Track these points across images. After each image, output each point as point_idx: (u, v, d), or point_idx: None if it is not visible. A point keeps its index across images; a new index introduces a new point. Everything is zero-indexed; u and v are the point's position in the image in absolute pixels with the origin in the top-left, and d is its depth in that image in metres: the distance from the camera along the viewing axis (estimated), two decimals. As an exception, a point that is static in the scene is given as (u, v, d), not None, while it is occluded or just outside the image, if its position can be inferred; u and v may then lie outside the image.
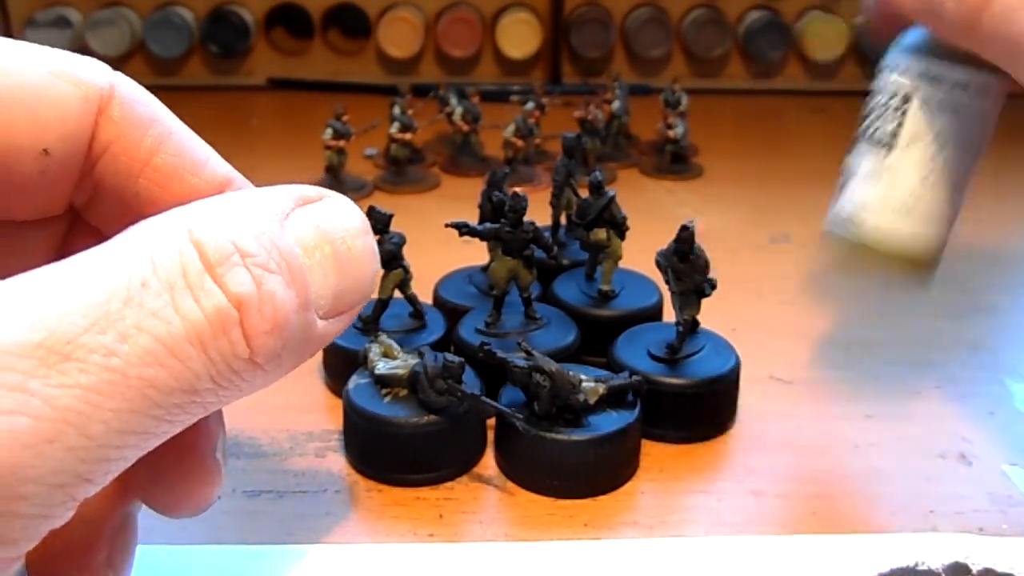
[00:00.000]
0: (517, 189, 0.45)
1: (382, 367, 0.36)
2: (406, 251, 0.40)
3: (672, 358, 0.38)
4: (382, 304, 0.40)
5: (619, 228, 0.42)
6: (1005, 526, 0.33)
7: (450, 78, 0.84)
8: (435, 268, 0.46)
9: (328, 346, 0.40)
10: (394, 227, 0.39)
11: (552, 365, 0.34)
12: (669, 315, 0.40)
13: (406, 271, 0.40)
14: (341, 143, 0.61)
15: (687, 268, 0.37)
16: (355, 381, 0.36)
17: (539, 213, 0.42)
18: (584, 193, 0.43)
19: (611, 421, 0.34)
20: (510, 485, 0.35)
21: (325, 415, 0.39)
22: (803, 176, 0.67)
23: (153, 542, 0.31)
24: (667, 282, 0.38)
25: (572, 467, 0.34)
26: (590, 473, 0.34)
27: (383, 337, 0.37)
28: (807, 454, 0.37)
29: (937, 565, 0.31)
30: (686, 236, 0.36)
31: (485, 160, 0.66)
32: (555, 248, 0.42)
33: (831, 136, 0.77)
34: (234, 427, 0.37)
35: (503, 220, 0.39)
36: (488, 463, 0.36)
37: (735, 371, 0.38)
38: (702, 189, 0.65)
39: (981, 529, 0.33)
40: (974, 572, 0.30)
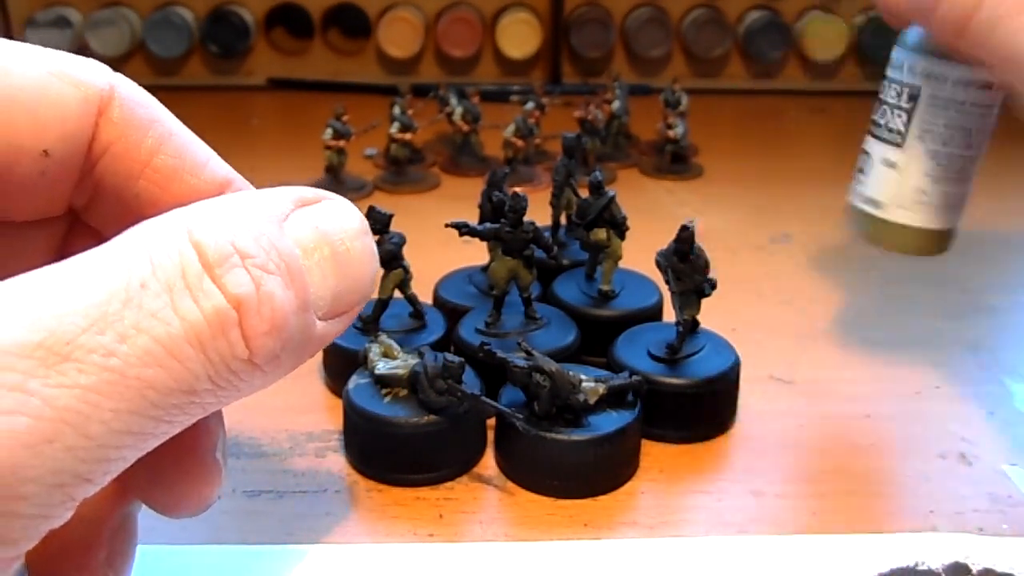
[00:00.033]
0: (517, 189, 0.45)
1: (382, 367, 0.36)
2: (406, 251, 0.40)
3: (672, 358, 0.38)
4: (382, 304, 0.40)
5: (619, 228, 0.42)
6: (1005, 526, 0.33)
7: (450, 78, 0.84)
8: (435, 268, 0.46)
9: (328, 346, 0.40)
10: (394, 227, 0.39)
11: (552, 365, 0.34)
12: (669, 315, 0.40)
13: (406, 271, 0.40)
14: (341, 143, 0.61)
15: (687, 268, 0.37)
16: (355, 381, 0.36)
17: (539, 213, 0.42)
18: (584, 193, 0.43)
19: (611, 421, 0.34)
20: (510, 485, 0.35)
21: (325, 415, 0.39)
22: (803, 176, 0.67)
23: (153, 542, 0.31)
24: (667, 282, 0.38)
25: (572, 467, 0.34)
26: (590, 473, 0.34)
27: (383, 337, 0.37)
28: (807, 454, 0.37)
29: (937, 565, 0.31)
30: (686, 236, 0.36)
31: (485, 160, 0.66)
32: (555, 248, 0.42)
33: (831, 136, 0.78)
34: (234, 427, 0.37)
35: (503, 220, 0.39)
36: (488, 463, 0.36)
37: (735, 371, 0.38)
38: (702, 189, 0.65)
39: (981, 529, 0.33)
40: (974, 572, 0.30)
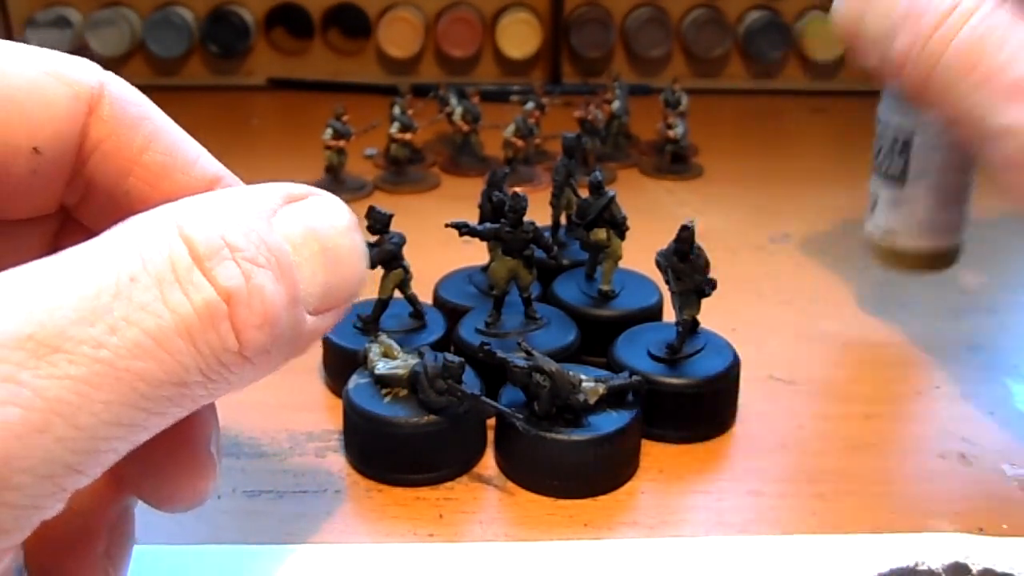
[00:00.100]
0: (517, 189, 0.45)
1: (382, 367, 0.36)
2: (406, 251, 0.40)
3: (672, 358, 0.38)
4: (382, 304, 0.40)
5: (619, 228, 0.42)
6: (1005, 526, 0.33)
7: (450, 78, 0.84)
8: (435, 268, 0.46)
9: (328, 346, 0.41)
10: (394, 227, 0.39)
11: (552, 365, 0.34)
12: (669, 315, 0.40)
13: (406, 271, 0.40)
14: (341, 143, 0.61)
15: (687, 268, 0.37)
16: (355, 381, 0.36)
17: (539, 213, 0.42)
18: (584, 193, 0.43)
19: (611, 421, 0.34)
20: (510, 485, 0.35)
21: (325, 415, 0.39)
22: (803, 176, 0.67)
23: (152, 542, 0.31)
24: (667, 282, 0.38)
25: (572, 467, 0.34)
26: (590, 473, 0.34)
27: (383, 337, 0.37)
28: (807, 454, 0.37)
29: (937, 565, 0.31)
30: (686, 236, 0.36)
31: (485, 160, 0.66)
32: (555, 248, 0.42)
33: (831, 136, 0.78)
34: (234, 427, 0.37)
35: (503, 220, 0.39)
36: (488, 463, 0.36)
37: (735, 371, 0.38)
38: (702, 189, 0.65)
39: (981, 529, 0.33)
40: (974, 572, 0.30)
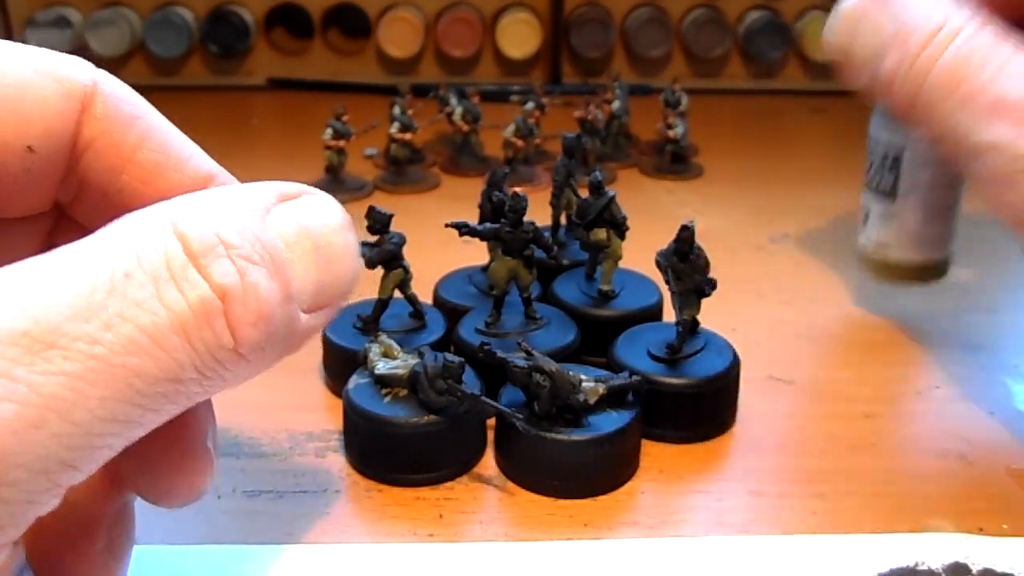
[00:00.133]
0: (517, 189, 0.45)
1: (382, 367, 0.36)
2: (406, 251, 0.40)
3: (672, 358, 0.38)
4: (382, 304, 0.40)
5: (619, 228, 0.42)
6: (1005, 526, 0.33)
7: (450, 78, 0.84)
8: (435, 268, 0.46)
9: (328, 346, 0.41)
10: (394, 227, 0.39)
11: (552, 365, 0.34)
12: (669, 315, 0.40)
13: (406, 271, 0.40)
14: (341, 143, 0.61)
15: (687, 268, 0.37)
16: (355, 381, 0.36)
17: (539, 213, 0.42)
18: (584, 193, 0.43)
19: (611, 421, 0.34)
20: (510, 485, 0.35)
21: (325, 415, 0.39)
22: (803, 176, 0.67)
23: (152, 542, 0.31)
24: (667, 282, 0.38)
25: (572, 467, 0.34)
26: (590, 473, 0.34)
27: (383, 337, 0.37)
28: (807, 454, 0.37)
29: (937, 565, 0.31)
30: (686, 236, 0.36)
31: (485, 160, 0.66)
32: (555, 248, 0.42)
33: (831, 136, 0.78)
34: (234, 427, 0.37)
35: (503, 220, 0.39)
36: (488, 463, 0.36)
37: (735, 371, 0.38)
38: (702, 189, 0.65)
39: (981, 529, 0.33)
40: (974, 572, 0.30)
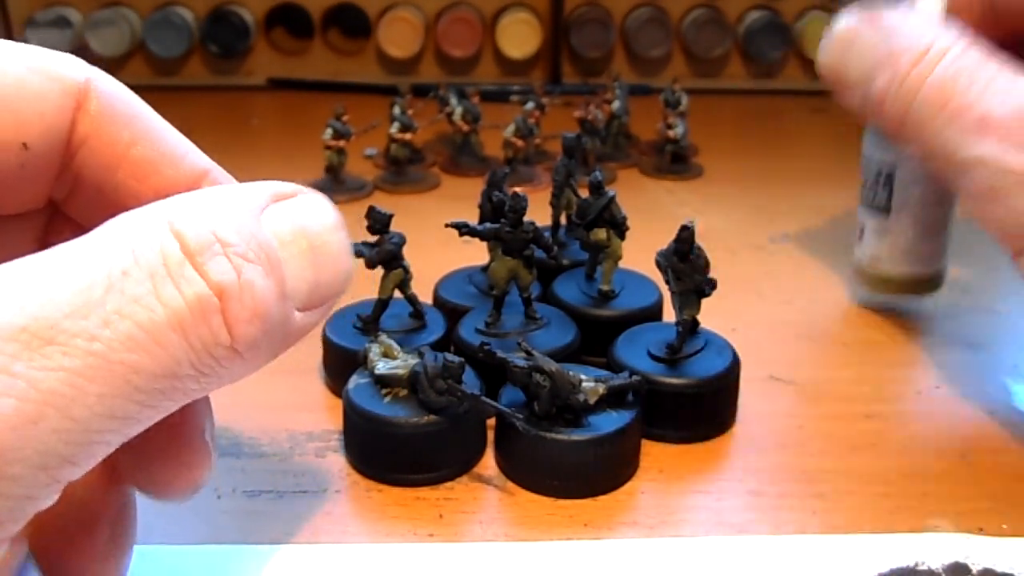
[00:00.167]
0: (517, 189, 0.45)
1: (382, 367, 0.36)
2: (406, 251, 0.40)
3: (672, 358, 0.38)
4: (382, 304, 0.40)
5: (619, 228, 0.42)
6: (1005, 526, 0.33)
7: (450, 78, 0.84)
8: (435, 268, 0.46)
9: (328, 346, 0.41)
10: (394, 227, 0.39)
11: (552, 365, 0.34)
12: (669, 315, 0.40)
13: (406, 271, 0.40)
14: (341, 143, 0.61)
15: (687, 268, 0.37)
16: (355, 381, 0.36)
17: (539, 213, 0.42)
18: (584, 193, 0.43)
19: (611, 421, 0.34)
20: (510, 485, 0.35)
21: (325, 415, 0.39)
22: (803, 176, 0.67)
23: (153, 542, 0.31)
24: (667, 282, 0.38)
25: (572, 467, 0.34)
26: (590, 473, 0.34)
27: (383, 337, 0.37)
28: (807, 454, 0.37)
29: (937, 565, 0.31)
30: (686, 236, 0.36)
31: (485, 160, 0.66)
32: (555, 248, 0.42)
33: (831, 136, 0.78)
34: (234, 427, 0.37)
35: (503, 220, 0.39)
36: (488, 463, 0.36)
37: (735, 371, 0.38)
38: (702, 189, 0.65)
39: (981, 529, 0.33)
40: (974, 572, 0.30)
